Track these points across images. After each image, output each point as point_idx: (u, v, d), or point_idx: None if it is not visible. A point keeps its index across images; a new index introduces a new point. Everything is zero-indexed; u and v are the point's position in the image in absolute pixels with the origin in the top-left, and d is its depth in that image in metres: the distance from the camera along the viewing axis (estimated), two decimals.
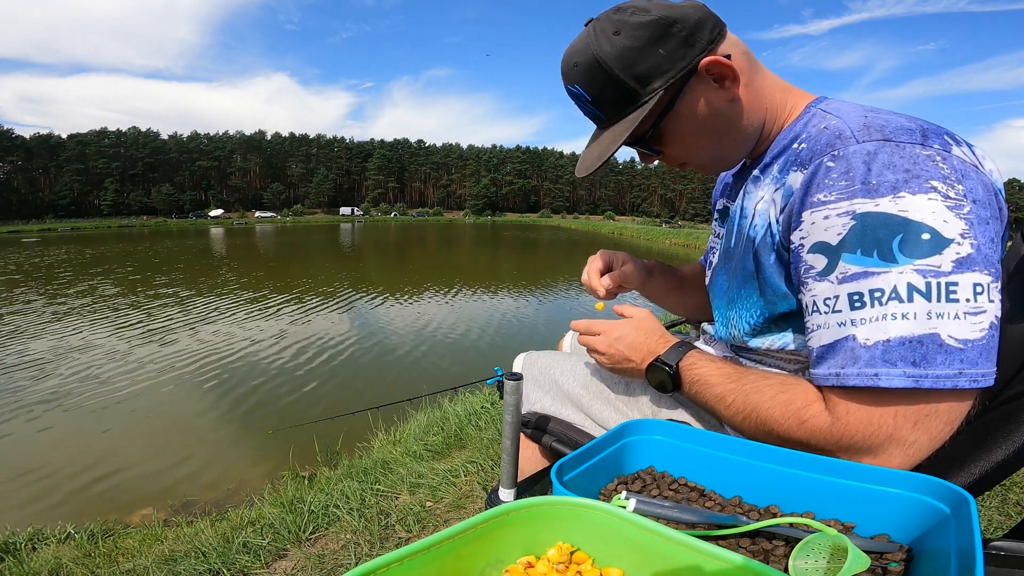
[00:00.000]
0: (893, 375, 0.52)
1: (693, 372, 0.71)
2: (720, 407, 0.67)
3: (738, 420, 0.65)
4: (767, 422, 0.62)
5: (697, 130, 0.68)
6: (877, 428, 0.54)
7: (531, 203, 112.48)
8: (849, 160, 0.56)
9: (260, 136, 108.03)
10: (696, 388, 0.70)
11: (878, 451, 0.55)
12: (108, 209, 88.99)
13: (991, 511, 1.83)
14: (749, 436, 0.65)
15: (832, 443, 0.56)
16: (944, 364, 0.51)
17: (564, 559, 0.44)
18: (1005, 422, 0.65)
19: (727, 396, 0.66)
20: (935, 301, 0.51)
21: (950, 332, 0.51)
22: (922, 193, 0.52)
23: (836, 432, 0.56)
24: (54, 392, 6.13)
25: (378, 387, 6.20)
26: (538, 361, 1.01)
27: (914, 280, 0.51)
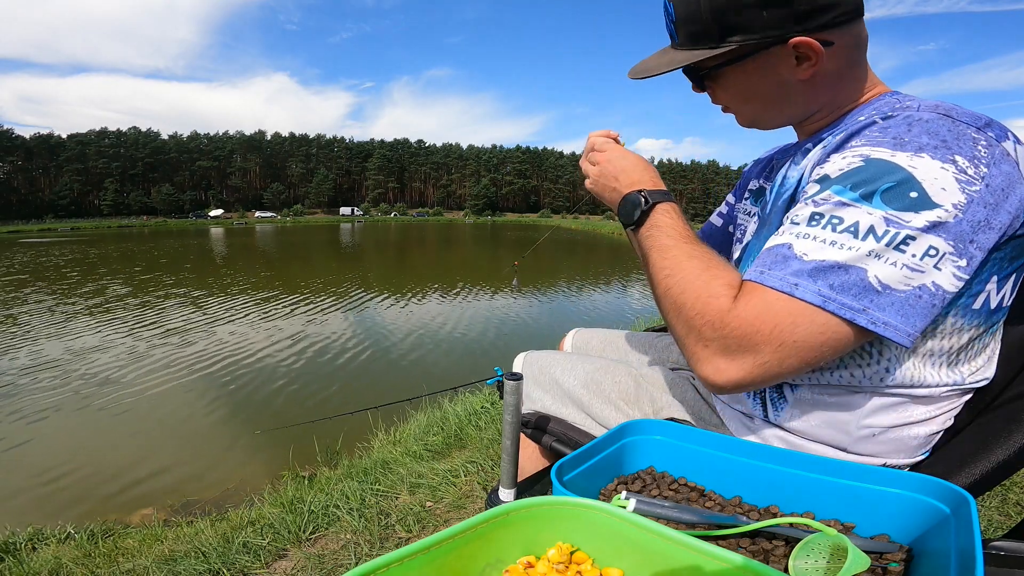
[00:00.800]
0: (809, 289, 0.54)
1: (659, 217, 0.70)
2: (656, 256, 0.67)
3: (661, 276, 0.66)
4: (682, 285, 0.62)
5: (754, 90, 0.71)
6: (755, 330, 0.55)
7: (531, 203, 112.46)
8: (896, 120, 0.58)
9: (260, 136, 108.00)
10: (651, 232, 0.70)
11: (742, 352, 0.56)
12: (108, 209, 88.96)
13: (991, 511, 1.82)
14: (659, 296, 0.66)
15: (715, 327, 0.58)
16: (854, 297, 0.53)
17: (564, 559, 0.44)
18: (1006, 423, 0.65)
19: (670, 249, 0.66)
20: (882, 245, 0.53)
21: (877, 273, 0.53)
22: (939, 161, 0.53)
23: (726, 319, 0.57)
24: (54, 392, 6.13)
25: (378, 387, 6.20)
26: (538, 360, 1.02)
27: (876, 224, 0.53)
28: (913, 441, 0.69)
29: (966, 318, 0.61)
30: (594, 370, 0.95)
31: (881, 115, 0.60)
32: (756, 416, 0.78)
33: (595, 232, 55.03)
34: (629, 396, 0.90)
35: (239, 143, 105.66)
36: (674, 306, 0.62)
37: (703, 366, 0.59)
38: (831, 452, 0.71)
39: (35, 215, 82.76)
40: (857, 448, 0.70)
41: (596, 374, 0.94)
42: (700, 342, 0.59)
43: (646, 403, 0.88)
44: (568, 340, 1.23)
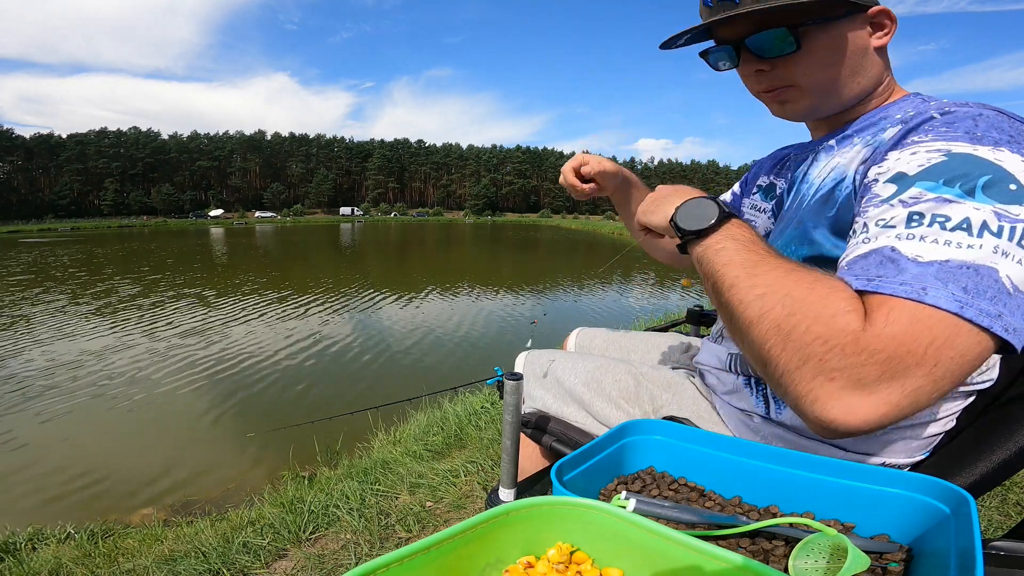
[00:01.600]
0: (941, 294, 0.46)
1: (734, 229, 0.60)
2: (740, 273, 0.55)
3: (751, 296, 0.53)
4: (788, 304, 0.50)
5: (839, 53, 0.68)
6: (911, 347, 0.45)
7: (531, 203, 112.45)
8: (957, 116, 0.56)
9: (260, 136, 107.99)
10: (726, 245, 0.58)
11: (887, 380, 0.46)
12: (108, 209, 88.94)
13: (991, 511, 1.82)
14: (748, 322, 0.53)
15: (847, 353, 0.46)
16: (991, 300, 0.46)
17: (564, 559, 0.44)
18: (1006, 423, 0.65)
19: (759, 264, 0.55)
20: (1005, 240, 0.47)
21: (1008, 273, 0.47)
22: (1019, 155, 0.51)
23: (865, 339, 0.46)
24: (55, 393, 6.13)
25: (378, 387, 6.20)
26: (540, 359, 1.02)
27: (989, 219, 0.48)
28: (914, 442, 0.69)
29: None
30: (595, 368, 0.95)
31: (938, 111, 0.58)
32: (757, 414, 0.78)
33: (595, 232, 55.04)
34: (629, 394, 0.90)
35: (239, 143, 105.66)
36: (777, 332, 0.49)
37: (827, 406, 0.47)
38: (831, 451, 0.71)
39: (35, 215, 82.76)
40: (858, 447, 0.70)
41: (597, 372, 0.94)
42: (822, 374, 0.47)
43: (646, 401, 0.88)
44: (572, 339, 1.23)
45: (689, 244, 0.62)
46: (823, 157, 0.73)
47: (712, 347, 0.90)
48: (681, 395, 0.88)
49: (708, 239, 0.60)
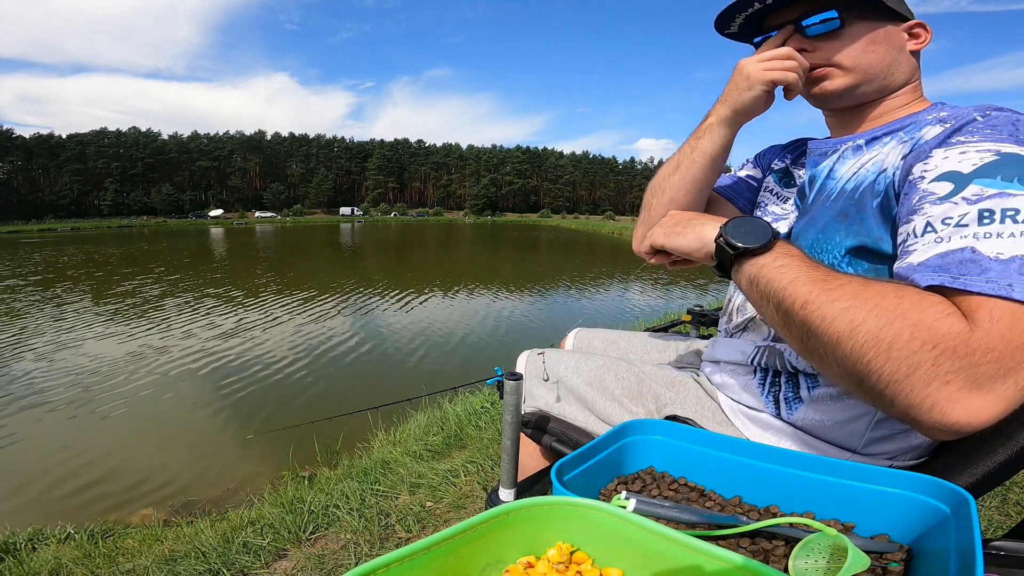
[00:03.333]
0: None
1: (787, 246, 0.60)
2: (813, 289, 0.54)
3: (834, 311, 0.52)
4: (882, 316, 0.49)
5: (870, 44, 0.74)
6: (1019, 343, 0.46)
7: (531, 203, 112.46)
8: (999, 119, 0.59)
9: (260, 136, 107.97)
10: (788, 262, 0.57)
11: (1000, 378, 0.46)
12: (108, 209, 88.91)
13: (991, 511, 1.82)
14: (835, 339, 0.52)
15: (959, 355, 0.47)
16: None
17: (564, 559, 0.44)
18: (1006, 422, 0.65)
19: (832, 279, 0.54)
20: None
21: None
22: None
23: (975, 340, 0.47)
24: (55, 393, 6.13)
25: (377, 387, 6.20)
26: (542, 358, 1.02)
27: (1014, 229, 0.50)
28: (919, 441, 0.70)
29: None
30: (597, 367, 0.95)
31: (979, 114, 0.61)
32: (766, 412, 0.78)
33: (595, 232, 55.05)
34: (632, 393, 0.90)
35: (239, 143, 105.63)
36: (876, 344, 0.49)
37: (947, 410, 0.47)
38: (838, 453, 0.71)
39: (35, 215, 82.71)
40: (867, 450, 0.70)
41: (600, 371, 0.94)
42: (936, 380, 0.47)
43: (650, 400, 0.88)
44: (569, 339, 1.23)
45: (739, 263, 0.61)
46: (851, 155, 0.76)
47: (730, 342, 0.89)
48: (685, 394, 0.88)
49: (764, 256, 0.59)
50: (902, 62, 0.75)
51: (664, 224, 0.73)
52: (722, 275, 0.65)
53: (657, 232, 0.73)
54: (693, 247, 0.68)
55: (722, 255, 0.63)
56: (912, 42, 0.76)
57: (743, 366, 0.84)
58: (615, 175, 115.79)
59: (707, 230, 0.66)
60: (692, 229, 0.68)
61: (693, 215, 0.72)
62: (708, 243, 0.65)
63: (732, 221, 0.64)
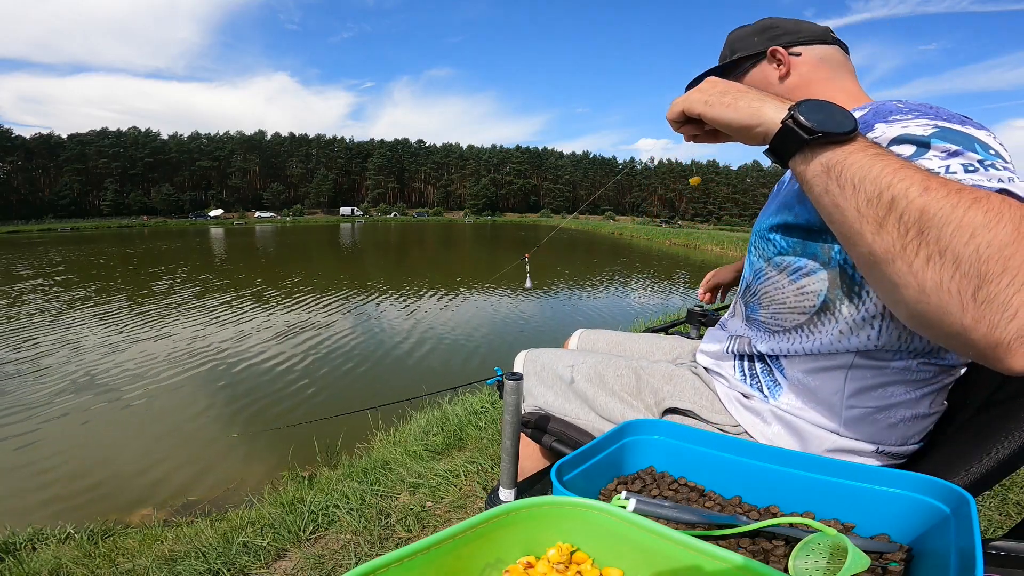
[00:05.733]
0: None
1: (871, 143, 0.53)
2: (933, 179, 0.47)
3: (968, 198, 0.45)
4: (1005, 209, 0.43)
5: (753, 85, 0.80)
6: None
7: (531, 203, 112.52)
8: (913, 104, 0.65)
9: (260, 136, 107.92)
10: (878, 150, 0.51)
11: None
12: (108, 209, 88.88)
13: (991, 511, 1.83)
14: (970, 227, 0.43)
15: None
16: None
17: (564, 559, 0.44)
18: (1004, 420, 0.65)
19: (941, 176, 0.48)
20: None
21: None
22: (980, 130, 0.59)
23: None
24: (54, 393, 6.13)
25: (377, 387, 6.20)
26: (540, 357, 1.03)
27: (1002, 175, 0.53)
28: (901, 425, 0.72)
29: None
30: (596, 363, 0.96)
31: (898, 101, 0.67)
32: (756, 398, 0.80)
33: (595, 232, 55.05)
34: (631, 388, 0.91)
35: (239, 143, 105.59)
36: (1015, 238, 0.42)
37: None
38: (826, 435, 0.73)
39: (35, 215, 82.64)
40: (849, 431, 0.72)
41: (598, 367, 0.95)
42: None
43: (648, 394, 0.89)
44: (574, 340, 1.24)
45: (813, 148, 0.53)
46: None
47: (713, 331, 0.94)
48: (683, 386, 0.88)
49: (855, 143, 0.52)
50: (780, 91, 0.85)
51: (705, 90, 0.64)
52: (776, 160, 0.58)
53: (695, 97, 0.64)
54: (745, 123, 0.59)
55: (788, 139, 0.55)
56: (777, 70, 0.86)
57: (724, 354, 0.87)
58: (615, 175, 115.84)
59: (767, 107, 0.58)
60: (747, 102, 0.60)
61: (745, 87, 0.63)
62: (767, 122, 0.57)
63: (806, 102, 0.55)
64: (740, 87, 0.63)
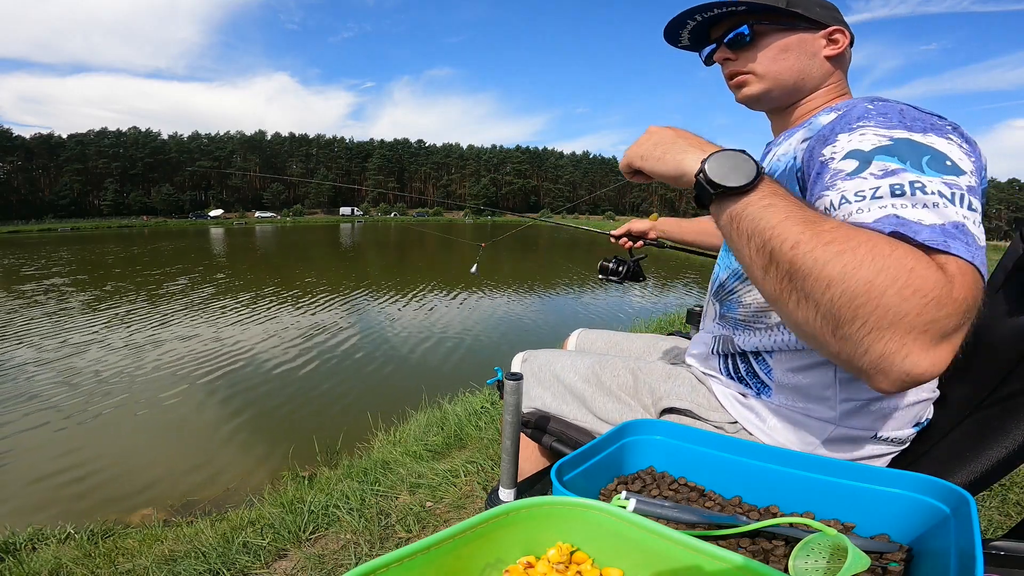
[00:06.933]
0: (959, 245, 0.50)
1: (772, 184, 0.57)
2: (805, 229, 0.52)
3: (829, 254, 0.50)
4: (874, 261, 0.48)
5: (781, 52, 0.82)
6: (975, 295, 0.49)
7: (531, 203, 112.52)
8: (886, 107, 0.64)
9: (260, 136, 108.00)
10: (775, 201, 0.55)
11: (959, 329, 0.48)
12: (108, 209, 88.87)
13: (991, 511, 1.83)
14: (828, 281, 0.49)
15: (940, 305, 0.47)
16: (977, 256, 0.51)
17: (564, 559, 0.44)
18: (1002, 420, 0.65)
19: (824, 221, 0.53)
20: (959, 207, 0.53)
21: (975, 233, 0.53)
22: (943, 138, 0.59)
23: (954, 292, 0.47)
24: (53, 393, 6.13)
25: (378, 387, 6.20)
26: (538, 358, 1.03)
27: (943, 189, 0.54)
28: (896, 412, 0.72)
29: None
30: (593, 364, 0.96)
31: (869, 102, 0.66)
32: (750, 395, 0.81)
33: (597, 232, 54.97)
34: (629, 388, 0.91)
35: (239, 143, 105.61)
36: (869, 290, 0.47)
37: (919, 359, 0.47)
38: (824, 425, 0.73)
39: (35, 215, 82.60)
40: (846, 422, 0.73)
41: (595, 367, 0.95)
42: (913, 331, 0.46)
43: (645, 394, 0.89)
44: (572, 340, 1.24)
45: (720, 200, 0.58)
46: (773, 148, 0.86)
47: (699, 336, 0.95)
48: (680, 385, 0.89)
49: (750, 195, 0.56)
50: (814, 67, 0.83)
51: (643, 143, 0.69)
52: (700, 207, 0.62)
53: (634, 152, 0.70)
54: (672, 174, 0.64)
55: (701, 191, 0.60)
56: (828, 48, 0.82)
57: (711, 355, 0.88)
58: (615, 175, 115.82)
59: (688, 160, 0.62)
60: (673, 155, 0.65)
61: (676, 134, 0.67)
62: (688, 173, 0.62)
63: (715, 155, 0.59)
64: (671, 138, 0.67)
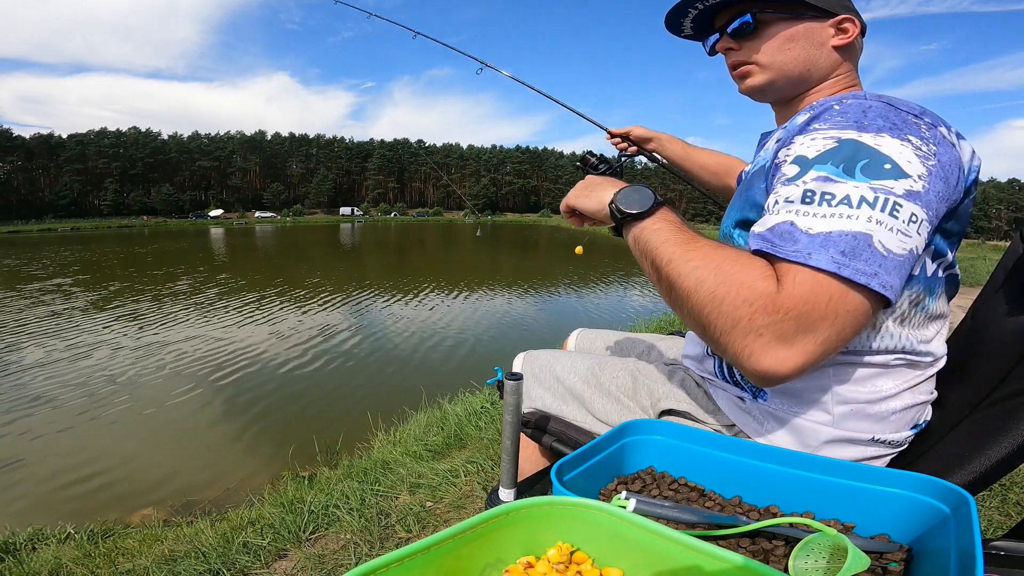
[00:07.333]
0: (823, 257, 0.55)
1: (667, 212, 0.70)
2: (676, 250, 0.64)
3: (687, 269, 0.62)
4: (719, 275, 0.59)
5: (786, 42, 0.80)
6: (812, 307, 0.54)
7: (531, 203, 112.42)
8: (851, 106, 0.65)
9: (260, 136, 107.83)
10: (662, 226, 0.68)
11: (801, 333, 0.54)
12: (108, 209, 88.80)
13: (991, 511, 1.83)
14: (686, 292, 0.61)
15: (771, 309, 0.55)
16: (866, 262, 0.55)
17: (564, 559, 0.44)
18: (1003, 419, 0.65)
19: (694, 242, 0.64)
20: (878, 211, 0.56)
21: (881, 239, 0.55)
22: (898, 139, 0.60)
23: (780, 300, 0.55)
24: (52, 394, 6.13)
25: (378, 387, 6.20)
26: (538, 358, 1.03)
27: (866, 194, 0.57)
28: (893, 415, 0.72)
29: (908, 283, 0.66)
30: (592, 365, 0.96)
31: (837, 102, 0.67)
32: (746, 398, 0.80)
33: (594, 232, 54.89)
34: (628, 389, 0.91)
35: (239, 143, 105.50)
36: (714, 300, 0.58)
37: (759, 359, 0.55)
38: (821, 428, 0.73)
39: (35, 215, 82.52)
40: (843, 425, 0.72)
41: (595, 368, 0.95)
42: (751, 333, 0.55)
43: (644, 396, 0.89)
44: (572, 340, 1.24)
45: (625, 226, 0.72)
46: (767, 140, 0.84)
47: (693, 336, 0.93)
48: (678, 387, 0.89)
49: (645, 221, 0.69)
50: (821, 58, 0.80)
51: (577, 187, 0.83)
52: (616, 235, 0.74)
53: (571, 194, 0.83)
54: (595, 209, 0.77)
55: (615, 219, 0.73)
56: (837, 38, 0.79)
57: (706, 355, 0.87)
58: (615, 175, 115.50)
59: (606, 195, 0.75)
60: (596, 194, 0.78)
61: (601, 180, 0.80)
62: (606, 206, 0.74)
63: (624, 189, 0.73)
64: (599, 183, 0.80)
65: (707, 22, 0.87)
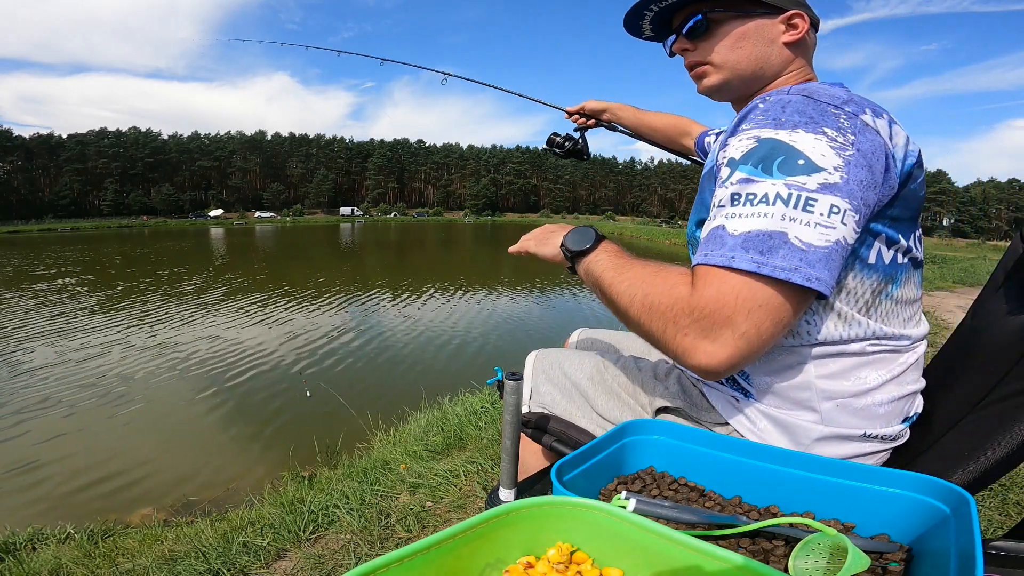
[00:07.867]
0: (743, 259, 0.58)
1: (607, 244, 0.80)
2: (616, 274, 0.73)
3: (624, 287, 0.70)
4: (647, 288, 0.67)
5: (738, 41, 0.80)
6: (722, 304, 0.58)
7: (531, 203, 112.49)
8: (772, 103, 0.67)
9: (260, 136, 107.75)
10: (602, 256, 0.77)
11: (719, 328, 0.58)
12: (108, 209, 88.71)
13: (991, 511, 1.83)
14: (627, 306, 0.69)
15: (687, 311, 0.61)
16: (784, 258, 0.57)
17: (564, 559, 0.44)
18: (1003, 419, 0.65)
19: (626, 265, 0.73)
20: (792, 208, 0.59)
21: (797, 234, 0.58)
22: (812, 133, 0.61)
23: (692, 301, 0.60)
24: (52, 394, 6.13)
25: (378, 387, 6.20)
26: (549, 356, 1.05)
27: (781, 191, 0.60)
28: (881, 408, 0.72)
29: (864, 272, 0.68)
30: (597, 362, 0.98)
31: (761, 100, 0.69)
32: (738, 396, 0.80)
33: None
34: (628, 386, 0.93)
35: (239, 143, 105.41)
36: (646, 309, 0.66)
37: (693, 355, 0.60)
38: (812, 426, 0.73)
39: (35, 215, 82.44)
40: (832, 421, 0.73)
41: (599, 365, 0.97)
42: (679, 332, 0.61)
43: (641, 393, 0.91)
44: (572, 339, 1.25)
45: (575, 262, 0.81)
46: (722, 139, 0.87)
47: None
48: (673, 385, 0.90)
49: (590, 255, 0.79)
50: (773, 55, 0.80)
51: (536, 235, 0.93)
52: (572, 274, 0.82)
53: (530, 243, 0.93)
54: (552, 255, 0.87)
55: (566, 257, 0.82)
56: (788, 34, 0.79)
57: None
58: (615, 175, 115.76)
59: (558, 240, 0.85)
60: (551, 240, 0.88)
61: (559, 227, 0.90)
62: (559, 250, 0.84)
63: (570, 231, 0.84)
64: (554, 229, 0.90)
65: (666, 23, 0.88)
